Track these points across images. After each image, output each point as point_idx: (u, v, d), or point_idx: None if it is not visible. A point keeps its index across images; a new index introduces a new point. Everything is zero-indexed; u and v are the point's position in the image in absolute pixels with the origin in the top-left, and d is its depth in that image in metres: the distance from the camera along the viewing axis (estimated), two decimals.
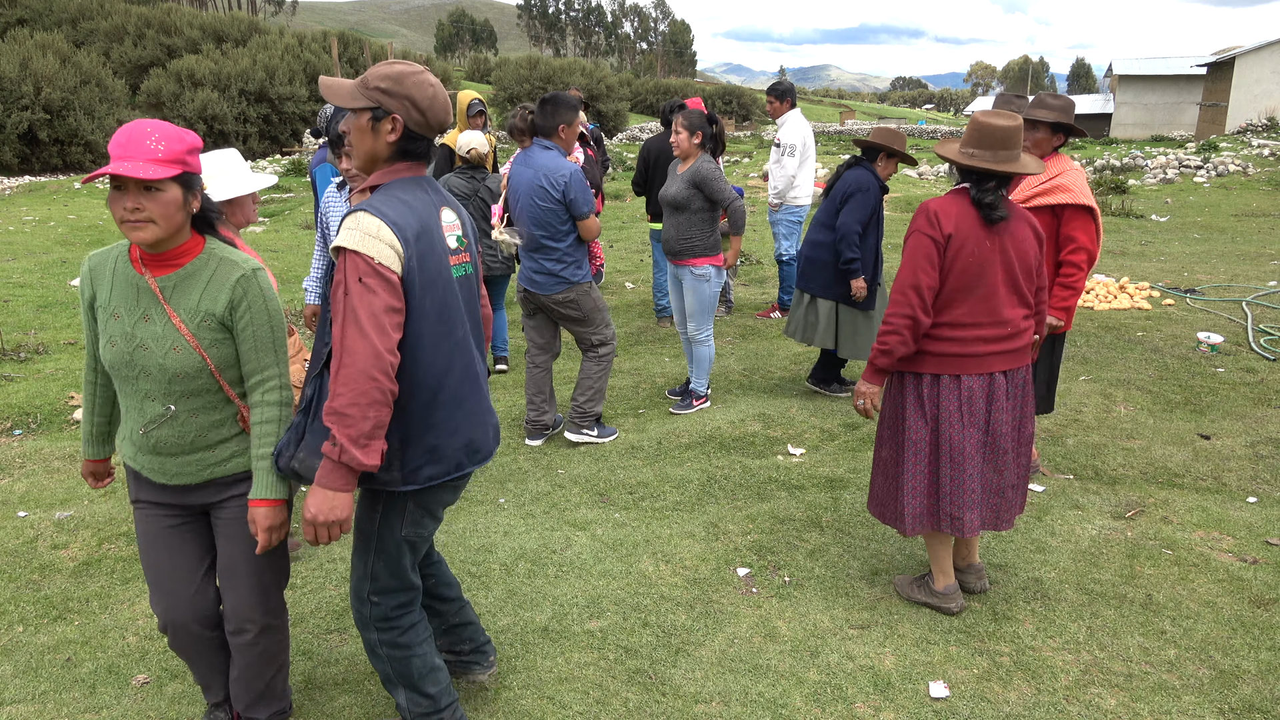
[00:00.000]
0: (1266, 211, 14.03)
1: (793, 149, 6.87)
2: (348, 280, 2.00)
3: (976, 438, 2.97)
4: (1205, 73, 40.66)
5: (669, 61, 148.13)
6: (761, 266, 9.67)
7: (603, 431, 4.92)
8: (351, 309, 1.99)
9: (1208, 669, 2.83)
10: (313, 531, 2.06)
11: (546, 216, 4.47)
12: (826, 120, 65.22)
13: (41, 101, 24.82)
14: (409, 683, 2.43)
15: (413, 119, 2.11)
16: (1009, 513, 3.10)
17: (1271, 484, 4.21)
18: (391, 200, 2.09)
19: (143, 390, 2.15)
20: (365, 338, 1.97)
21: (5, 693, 2.82)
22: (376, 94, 2.09)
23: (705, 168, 4.88)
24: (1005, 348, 2.95)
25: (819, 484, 4.28)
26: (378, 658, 2.41)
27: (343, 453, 1.98)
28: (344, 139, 2.14)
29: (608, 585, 3.39)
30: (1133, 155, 22.93)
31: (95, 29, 37.85)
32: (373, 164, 2.16)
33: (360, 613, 2.37)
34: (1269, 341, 6.34)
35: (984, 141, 2.88)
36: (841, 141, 37.88)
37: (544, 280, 4.59)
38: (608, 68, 71.66)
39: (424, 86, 2.11)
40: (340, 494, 2.03)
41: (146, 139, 2.00)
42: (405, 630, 2.38)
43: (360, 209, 2.04)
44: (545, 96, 4.57)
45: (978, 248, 2.88)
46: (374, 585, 2.34)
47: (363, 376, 1.96)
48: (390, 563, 2.32)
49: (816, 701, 2.71)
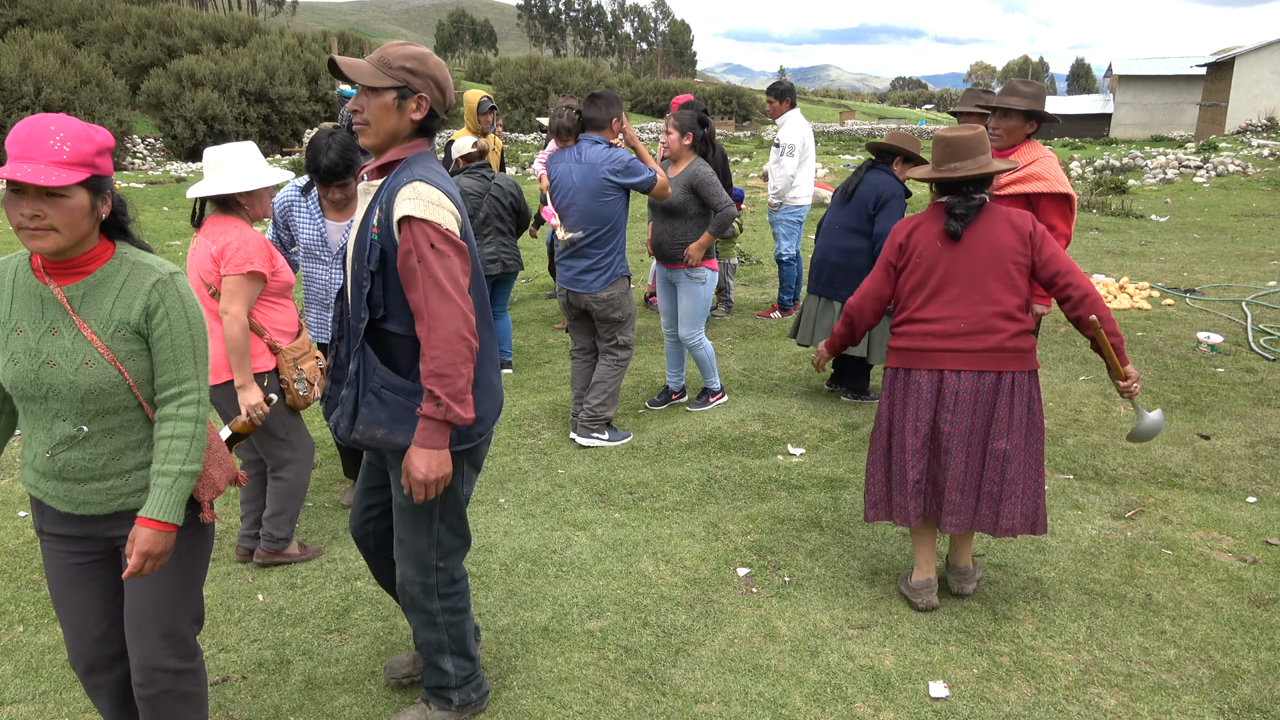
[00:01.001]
0: (1266, 211, 14.03)
1: (792, 149, 6.86)
2: (420, 248, 2.09)
3: (924, 432, 3.06)
4: (1205, 73, 40.67)
5: (669, 62, 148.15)
6: (761, 266, 9.67)
7: (614, 435, 4.90)
8: (430, 274, 2.09)
9: (1207, 669, 2.83)
10: (423, 490, 2.18)
11: (604, 210, 4.52)
12: (826, 120, 65.24)
13: (42, 102, 24.82)
14: (460, 647, 2.55)
15: (435, 98, 2.22)
16: (955, 516, 3.03)
17: (1271, 484, 4.21)
18: (434, 172, 2.19)
19: (52, 410, 1.94)
20: (449, 300, 2.10)
21: (5, 693, 2.82)
22: (403, 73, 2.16)
23: (702, 171, 4.87)
24: (955, 345, 2.98)
25: (819, 484, 4.28)
26: (435, 628, 2.48)
27: (448, 411, 2.11)
28: (355, 116, 2.17)
29: (608, 585, 3.39)
30: (1132, 155, 22.94)
31: (95, 29, 37.86)
32: (392, 141, 2.22)
33: (426, 585, 2.44)
34: (1269, 341, 6.34)
35: (954, 154, 3.05)
36: (841, 141, 37.88)
37: (591, 277, 4.61)
38: (608, 68, 71.73)
39: (441, 67, 2.24)
40: (444, 451, 2.17)
41: (50, 138, 1.80)
42: (464, 592, 2.52)
43: (416, 179, 2.14)
44: (594, 92, 4.64)
45: (928, 251, 3.05)
46: (440, 551, 2.43)
47: (455, 337, 2.10)
48: (453, 522, 2.43)
49: (816, 701, 2.72)
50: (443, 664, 2.54)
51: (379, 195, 2.21)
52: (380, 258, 2.18)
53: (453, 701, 2.59)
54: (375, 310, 2.20)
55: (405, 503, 2.37)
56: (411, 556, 2.42)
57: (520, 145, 34.84)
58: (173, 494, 1.94)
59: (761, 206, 14.13)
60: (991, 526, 3.03)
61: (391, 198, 2.14)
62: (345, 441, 2.29)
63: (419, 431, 2.15)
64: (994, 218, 3.00)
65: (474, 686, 2.63)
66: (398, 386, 2.23)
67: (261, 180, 3.24)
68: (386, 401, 2.22)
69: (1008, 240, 2.97)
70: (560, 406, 5.44)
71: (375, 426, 2.22)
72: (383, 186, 2.22)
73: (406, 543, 2.42)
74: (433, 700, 2.61)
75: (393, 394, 2.23)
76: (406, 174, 2.16)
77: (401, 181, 2.14)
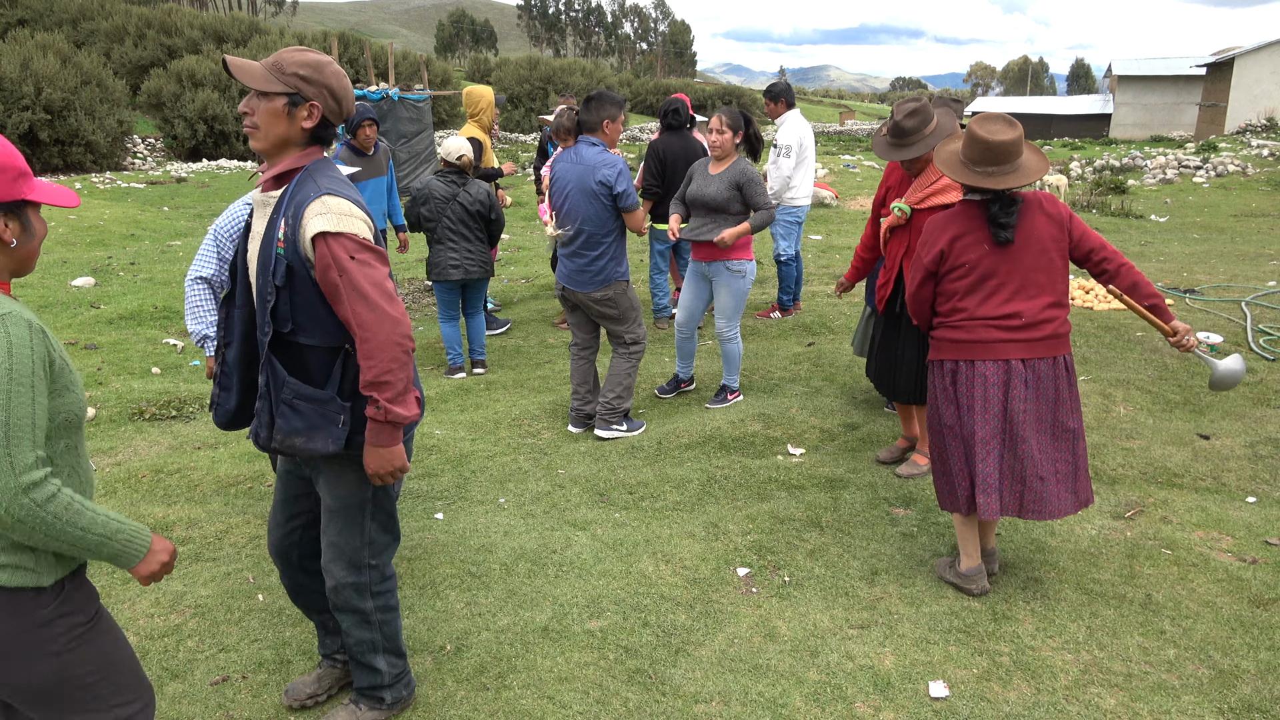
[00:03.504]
0: (1266, 212, 14.03)
1: (789, 150, 6.86)
2: (339, 262, 2.06)
3: (992, 424, 3.09)
4: (1204, 73, 40.68)
5: (669, 62, 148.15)
6: (761, 267, 9.67)
7: (631, 425, 4.98)
8: (355, 286, 2.07)
9: (1207, 669, 2.83)
10: (379, 481, 2.26)
11: (596, 212, 4.55)
12: (826, 120, 65.24)
13: (42, 102, 24.80)
14: (393, 645, 2.57)
15: (329, 107, 2.18)
16: (1038, 503, 3.10)
17: (1271, 484, 4.21)
18: (337, 182, 2.16)
19: None
20: (377, 308, 2.09)
21: None
22: (295, 79, 2.12)
23: (750, 171, 4.88)
24: (1019, 337, 3.06)
25: (819, 484, 4.28)
26: (369, 626, 2.49)
27: (388, 414, 2.14)
28: (245, 118, 2.13)
29: (608, 585, 3.39)
30: (1132, 155, 22.94)
31: (96, 29, 37.84)
32: (283, 148, 2.18)
33: (359, 584, 2.44)
34: (1268, 341, 6.34)
35: (991, 158, 2.96)
36: (841, 142, 37.87)
37: (585, 278, 4.65)
38: (608, 68, 71.70)
39: (340, 76, 2.20)
40: (394, 447, 2.21)
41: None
42: (394, 589, 2.55)
43: (324, 193, 2.10)
44: (591, 94, 4.64)
45: (975, 255, 3.06)
46: (372, 549, 2.44)
47: (389, 344, 2.10)
48: (384, 518, 2.45)
49: (816, 701, 2.72)
50: (376, 663, 2.54)
51: (282, 207, 2.15)
52: (287, 273, 2.13)
53: (385, 700, 2.60)
54: (283, 324, 2.16)
55: (336, 504, 2.38)
56: (344, 557, 2.42)
57: (520, 145, 34.84)
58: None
59: None
60: (1072, 505, 3.14)
61: (299, 212, 2.10)
62: (266, 450, 2.28)
63: (369, 432, 2.19)
64: (1031, 210, 3.05)
65: (404, 684, 2.65)
66: (309, 396, 2.20)
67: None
68: (300, 410, 2.20)
69: (1048, 231, 3.05)
70: (560, 406, 5.44)
71: (293, 435, 2.20)
72: (284, 197, 2.16)
73: (338, 544, 2.41)
74: (363, 701, 2.60)
75: (305, 403, 2.20)
76: (311, 186, 2.12)
77: (308, 195, 2.10)
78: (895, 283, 4.10)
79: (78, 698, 1.78)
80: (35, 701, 1.76)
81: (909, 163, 3.95)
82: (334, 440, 2.22)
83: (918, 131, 3.79)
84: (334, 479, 2.37)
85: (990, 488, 3.11)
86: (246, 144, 32.40)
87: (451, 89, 34.03)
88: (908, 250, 3.98)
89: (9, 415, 1.59)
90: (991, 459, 3.10)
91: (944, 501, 3.29)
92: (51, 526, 1.64)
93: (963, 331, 3.10)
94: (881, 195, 4.31)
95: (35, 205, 1.77)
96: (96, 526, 1.70)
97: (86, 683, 1.78)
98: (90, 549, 1.70)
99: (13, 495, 1.59)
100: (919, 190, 3.91)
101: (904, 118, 3.78)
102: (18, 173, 1.69)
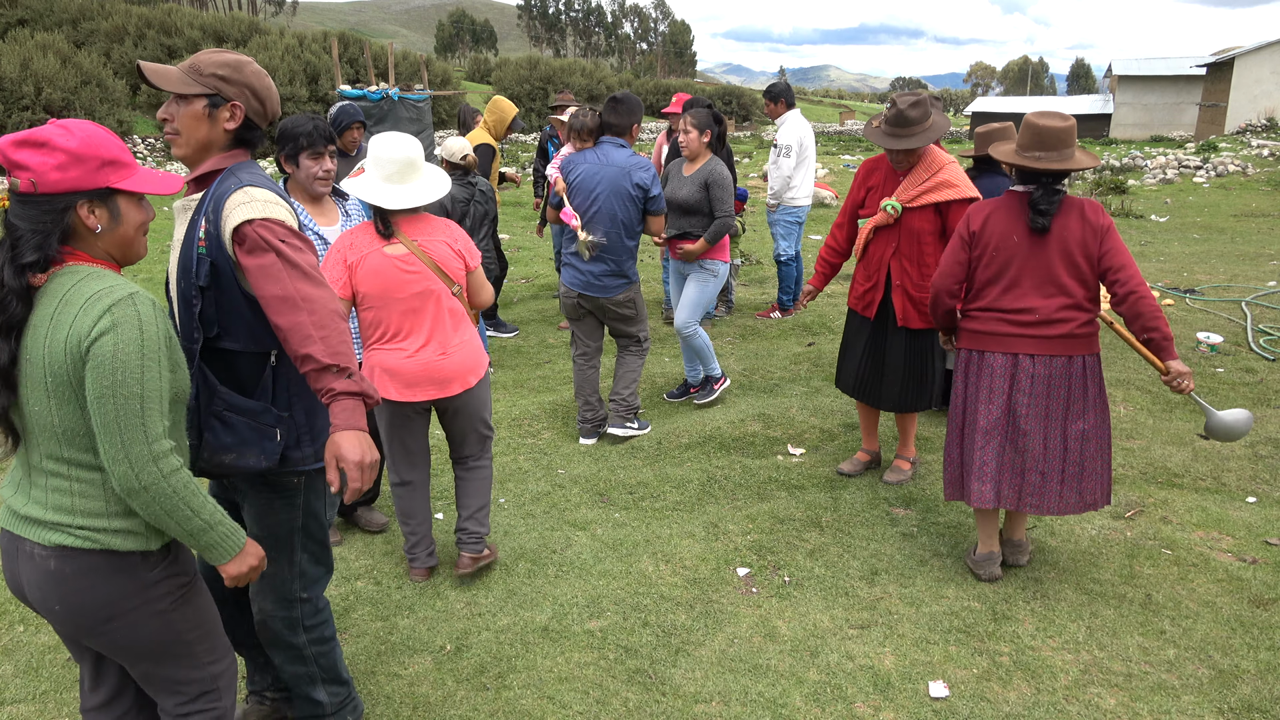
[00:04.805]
0: (1266, 212, 14.03)
1: (789, 150, 6.86)
2: (272, 243, 1.96)
3: (995, 414, 3.17)
4: (1205, 73, 40.65)
5: (669, 62, 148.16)
6: (761, 267, 9.67)
7: (641, 424, 4.99)
8: (292, 263, 1.96)
9: (1207, 669, 2.83)
10: (360, 476, 1.92)
11: (629, 215, 4.52)
12: (827, 120, 65.24)
13: (42, 102, 24.82)
14: (332, 675, 2.47)
15: (252, 107, 2.12)
16: (1037, 497, 3.16)
17: (1271, 484, 4.21)
18: (261, 177, 2.09)
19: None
20: (319, 284, 1.98)
21: (5, 693, 2.82)
22: (214, 80, 2.07)
23: (719, 172, 4.90)
24: (1030, 333, 3.11)
25: (819, 484, 4.28)
26: (303, 661, 2.40)
27: (361, 380, 1.96)
28: (165, 125, 2.08)
29: (608, 585, 3.39)
30: (1132, 155, 22.94)
31: (96, 29, 37.85)
32: (205, 152, 2.10)
33: (290, 618, 2.34)
34: (1268, 341, 6.34)
35: (1041, 143, 3.05)
36: (841, 142, 37.86)
37: (611, 281, 4.60)
38: (608, 68, 71.68)
39: (261, 76, 2.14)
40: (365, 431, 1.95)
41: None
42: (328, 620, 2.44)
43: (245, 185, 2.03)
44: (615, 95, 4.60)
45: (1003, 244, 3.12)
46: (303, 581, 2.34)
47: (333, 316, 1.97)
48: (316, 548, 2.35)
49: (816, 701, 2.72)
50: (315, 694, 2.45)
51: (203, 207, 2.07)
52: (211, 271, 2.03)
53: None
54: (210, 328, 2.06)
55: (264, 533, 2.25)
56: (273, 590, 2.31)
57: (520, 145, 34.86)
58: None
59: (762, 207, 14.14)
60: (1076, 505, 3.17)
61: (219, 206, 2.02)
62: (193, 471, 2.08)
63: (336, 414, 1.93)
64: (1068, 210, 3.08)
65: (350, 708, 2.55)
66: (242, 407, 2.09)
67: (437, 169, 3.20)
68: (231, 424, 2.08)
69: (1078, 234, 3.06)
70: (560, 406, 5.44)
71: (222, 452, 2.08)
72: (206, 197, 2.07)
73: (266, 575, 2.29)
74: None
75: (237, 415, 2.09)
76: (233, 181, 2.05)
77: (229, 188, 2.02)
78: (884, 286, 3.97)
79: (178, 653, 1.92)
80: (141, 658, 1.89)
81: (900, 156, 3.84)
82: (266, 455, 2.10)
83: (920, 123, 3.75)
84: (263, 507, 2.24)
85: (986, 476, 3.19)
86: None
87: (451, 89, 34.04)
88: (895, 251, 3.90)
89: (144, 388, 1.69)
90: (990, 449, 3.18)
91: (945, 489, 3.35)
92: (169, 499, 1.72)
93: (978, 322, 3.21)
94: (860, 197, 4.09)
95: (131, 194, 1.81)
96: (205, 511, 1.79)
97: (186, 639, 1.92)
98: (192, 532, 1.78)
99: (145, 462, 1.69)
100: (911, 188, 3.83)
101: (908, 107, 3.74)
102: (101, 162, 1.74)
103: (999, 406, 3.16)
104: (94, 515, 1.76)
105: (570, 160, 4.67)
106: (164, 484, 1.71)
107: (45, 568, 1.76)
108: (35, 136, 1.70)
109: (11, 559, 1.83)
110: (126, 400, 1.67)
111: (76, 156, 1.71)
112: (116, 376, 1.66)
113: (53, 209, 1.71)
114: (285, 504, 2.25)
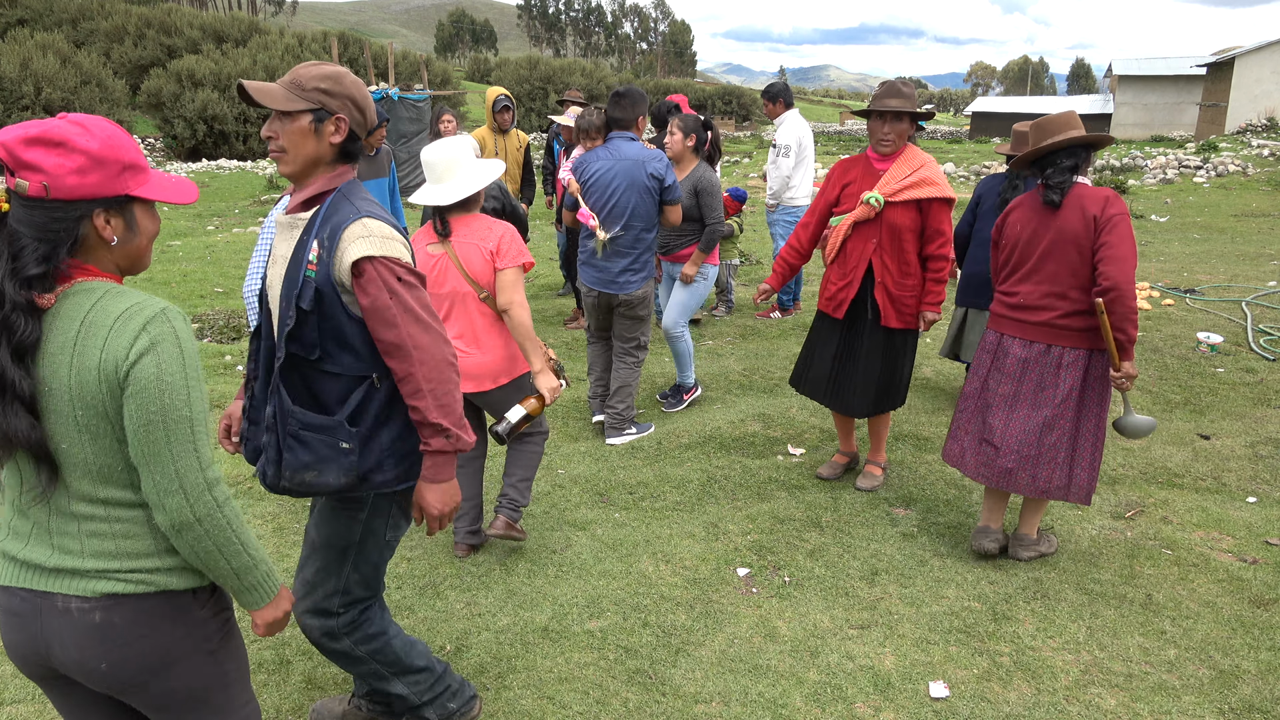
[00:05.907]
0: (1266, 211, 14.03)
1: (788, 150, 6.86)
2: (389, 284, 1.99)
3: (975, 384, 3.48)
4: (1205, 73, 40.65)
5: (669, 62, 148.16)
6: (761, 266, 9.67)
7: (640, 428, 4.99)
8: (406, 308, 2.01)
9: (1208, 669, 2.83)
10: (438, 524, 2.15)
11: (647, 207, 4.51)
12: (827, 120, 65.24)
13: (42, 102, 24.83)
14: (400, 667, 2.44)
15: (355, 119, 2.08)
16: (1001, 476, 3.36)
17: (1271, 484, 4.21)
18: (372, 204, 2.08)
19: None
20: (430, 329, 2.04)
21: (5, 693, 2.82)
22: (317, 94, 2.02)
23: (709, 178, 4.95)
24: (1014, 315, 3.35)
25: (819, 484, 4.28)
26: (359, 661, 2.38)
27: (458, 441, 2.07)
28: (270, 143, 2.06)
29: (608, 585, 3.39)
30: (1132, 155, 22.94)
31: (95, 29, 37.87)
32: (314, 168, 2.06)
33: (327, 627, 2.32)
34: (1269, 341, 6.34)
35: (1044, 133, 3.28)
36: (841, 142, 37.86)
37: (627, 277, 4.57)
38: (608, 68, 71.73)
39: (359, 85, 2.12)
40: (452, 482, 2.13)
41: None
42: (372, 621, 2.39)
43: (363, 216, 2.02)
44: (618, 90, 4.59)
45: (1013, 231, 3.36)
46: (344, 598, 2.31)
47: (444, 364, 2.05)
48: (369, 571, 2.31)
49: (816, 701, 2.71)
50: (392, 689, 2.45)
51: (314, 229, 2.04)
52: (315, 296, 2.01)
53: (430, 719, 2.52)
54: (310, 350, 2.05)
55: (323, 541, 2.26)
56: (313, 597, 2.30)
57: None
58: None
59: (762, 207, 14.13)
60: (1029, 488, 3.32)
61: (335, 234, 2.00)
62: (275, 490, 2.13)
63: (428, 467, 2.08)
64: (1073, 203, 3.19)
65: (449, 696, 2.53)
66: (315, 424, 2.08)
67: (487, 165, 3.24)
68: (308, 443, 2.08)
69: (1074, 225, 3.17)
70: (560, 406, 5.44)
71: (302, 470, 2.09)
72: (315, 219, 2.05)
73: (311, 583, 2.30)
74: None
75: (313, 434, 2.08)
76: (348, 209, 2.03)
77: (346, 218, 2.01)
78: (860, 284, 3.89)
79: (219, 699, 1.73)
80: (184, 707, 1.69)
81: (889, 134, 3.77)
82: (344, 471, 2.09)
83: (909, 96, 3.80)
84: (328, 513, 2.25)
85: (957, 435, 3.53)
86: (246, 144, 32.45)
87: (451, 89, 34.02)
88: (876, 246, 3.83)
89: (191, 410, 1.53)
90: (965, 414, 3.50)
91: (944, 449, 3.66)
92: (223, 532, 1.56)
93: (995, 303, 3.48)
94: (834, 195, 4.00)
95: (145, 201, 1.61)
96: (251, 545, 1.62)
97: (228, 680, 1.74)
98: (238, 570, 1.61)
99: (201, 491, 1.53)
100: (893, 182, 3.79)
101: (902, 85, 3.86)
102: (122, 166, 1.54)
103: (979, 378, 3.46)
104: (143, 555, 1.58)
105: (583, 160, 4.64)
106: (219, 514, 1.55)
107: (88, 622, 1.55)
108: (50, 134, 1.47)
109: (32, 620, 1.57)
110: (177, 424, 1.50)
111: (98, 160, 1.50)
112: (165, 400, 1.49)
113: (66, 217, 1.49)
114: (348, 515, 2.23)
